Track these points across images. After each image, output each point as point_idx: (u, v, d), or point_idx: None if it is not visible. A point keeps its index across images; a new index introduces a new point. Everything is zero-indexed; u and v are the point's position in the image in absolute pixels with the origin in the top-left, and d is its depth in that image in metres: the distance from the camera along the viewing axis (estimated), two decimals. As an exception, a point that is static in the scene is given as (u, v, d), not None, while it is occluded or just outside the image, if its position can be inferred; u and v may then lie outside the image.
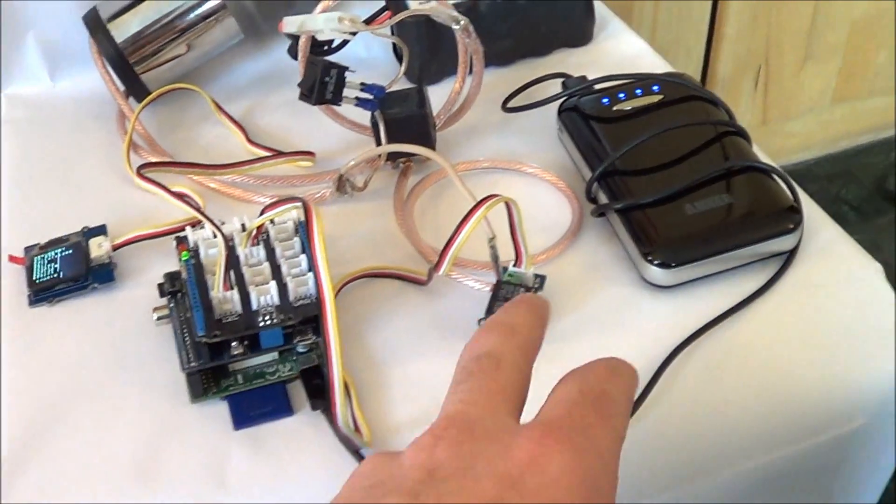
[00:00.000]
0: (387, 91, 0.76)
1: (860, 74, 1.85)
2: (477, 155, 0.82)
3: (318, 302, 0.61)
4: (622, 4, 1.53)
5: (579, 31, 0.93)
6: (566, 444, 0.40)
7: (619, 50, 0.93)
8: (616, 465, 0.42)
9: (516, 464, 0.39)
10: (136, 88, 0.87)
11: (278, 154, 0.80)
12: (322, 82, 0.72)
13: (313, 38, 0.77)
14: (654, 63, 0.91)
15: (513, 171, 0.80)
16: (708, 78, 1.73)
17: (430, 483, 0.39)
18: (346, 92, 0.74)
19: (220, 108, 0.87)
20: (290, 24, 0.75)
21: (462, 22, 0.75)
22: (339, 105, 0.74)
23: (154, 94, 0.85)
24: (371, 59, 0.89)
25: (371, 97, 0.75)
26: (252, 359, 0.64)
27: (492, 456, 0.40)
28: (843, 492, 0.73)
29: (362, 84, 0.74)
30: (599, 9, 0.95)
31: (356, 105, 0.75)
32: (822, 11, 1.70)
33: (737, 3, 1.62)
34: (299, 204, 0.64)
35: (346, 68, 0.73)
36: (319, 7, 0.76)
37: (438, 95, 0.82)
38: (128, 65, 0.85)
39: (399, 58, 0.89)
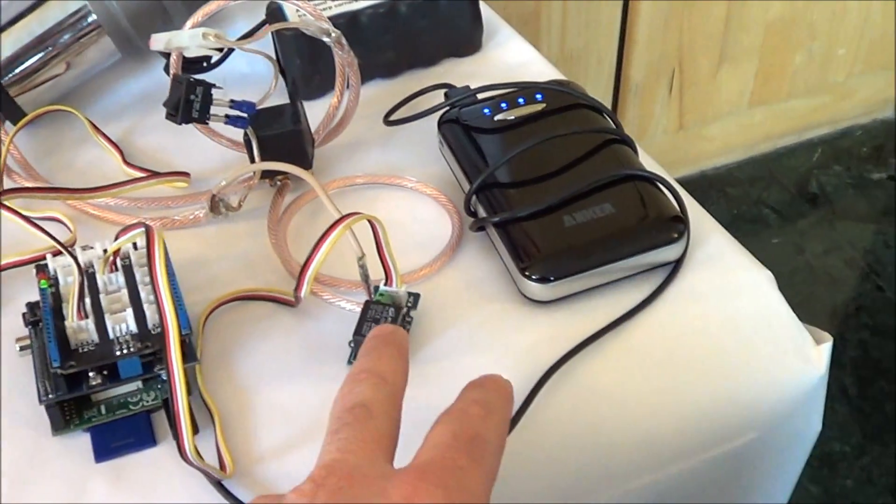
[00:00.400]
0: (258, 108, 0.73)
1: (777, 76, 1.85)
2: (358, 170, 0.80)
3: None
4: (530, 11, 1.52)
5: (466, 41, 0.91)
6: (439, 486, 0.43)
7: (507, 58, 0.91)
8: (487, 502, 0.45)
9: (391, 501, 0.42)
10: (11, 111, 0.84)
11: (152, 175, 0.78)
12: (188, 100, 0.70)
13: (192, 56, 0.74)
14: (543, 71, 0.89)
15: (393, 185, 0.78)
16: (621, 84, 1.72)
17: None
18: (215, 110, 0.72)
19: (97, 129, 0.84)
20: (158, 41, 0.72)
21: (334, 34, 0.73)
22: (207, 123, 0.71)
23: (28, 117, 0.83)
24: (254, 74, 0.86)
25: (242, 114, 0.72)
26: (114, 388, 0.62)
27: (370, 498, 0.43)
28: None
29: (232, 101, 0.72)
30: (489, 17, 0.92)
31: (226, 123, 0.72)
32: (735, 14, 1.69)
33: (647, 8, 1.61)
34: (140, 231, 0.62)
35: (212, 85, 0.71)
36: (189, 23, 0.74)
37: (322, 109, 0.81)
38: (1, 87, 0.82)
39: (282, 72, 0.86)
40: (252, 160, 0.75)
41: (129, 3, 0.83)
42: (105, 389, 0.61)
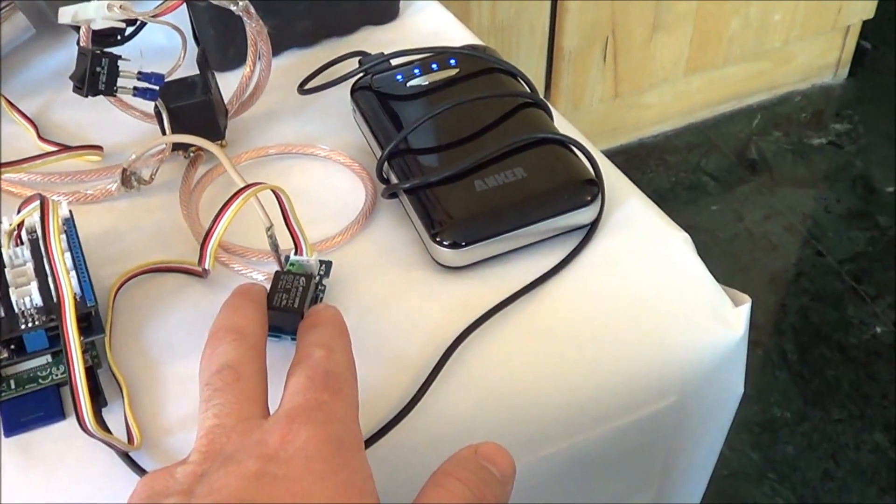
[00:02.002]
0: (167, 79, 0.73)
1: (714, 43, 1.85)
2: (273, 141, 0.79)
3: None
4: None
5: (384, 8, 0.90)
6: (309, 421, 0.48)
7: (426, 26, 0.91)
8: (356, 424, 0.50)
9: (271, 444, 0.46)
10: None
11: (63, 149, 0.77)
12: (93, 73, 0.69)
13: (104, 29, 0.74)
14: (463, 37, 0.89)
15: (307, 155, 0.77)
16: (554, 53, 1.71)
17: (202, 480, 0.46)
18: (123, 82, 0.71)
19: (11, 105, 0.83)
20: (65, 14, 0.72)
21: (241, 3, 0.73)
22: (115, 95, 0.71)
23: None
24: (172, 47, 0.85)
25: (151, 86, 0.72)
26: (22, 363, 0.61)
27: (250, 447, 0.47)
28: (666, 474, 0.72)
29: (139, 73, 0.71)
30: (405, -17, 0.92)
31: (135, 95, 0.72)
32: (669, -21, 1.69)
33: (579, -25, 1.60)
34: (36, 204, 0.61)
35: (118, 57, 0.70)
36: (95, -4, 0.73)
37: (238, 81, 0.80)
38: None
39: (196, 41, 0.85)
40: (163, 133, 0.74)
41: (41, -24, 0.82)
42: (12, 364, 0.60)
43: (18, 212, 0.63)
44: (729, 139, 2.02)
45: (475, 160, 0.68)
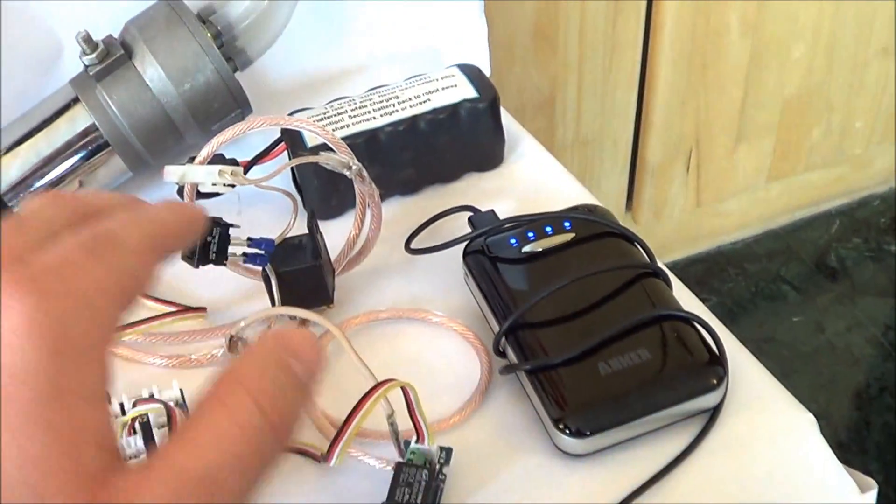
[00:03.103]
0: (276, 244, 0.71)
1: (795, 151, 1.82)
2: (380, 299, 0.77)
3: None
4: (544, 98, 1.50)
5: (488, 155, 0.88)
6: (32, 292, 0.35)
7: (530, 173, 0.88)
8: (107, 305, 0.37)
9: None
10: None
11: (168, 314, 0.75)
12: (204, 243, 0.67)
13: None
14: (569, 187, 0.87)
15: (417, 319, 0.75)
16: (637, 166, 1.69)
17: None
18: (233, 248, 0.69)
19: (108, 253, 0.81)
20: (172, 173, 0.70)
21: (354, 167, 0.71)
22: (225, 265, 0.68)
23: None
24: (269, 194, 0.84)
25: (260, 251, 0.70)
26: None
27: None
28: None
29: (249, 239, 0.69)
30: (510, 126, 0.90)
31: (244, 262, 0.69)
32: (752, 92, 1.67)
33: (664, 90, 1.58)
34: (159, 406, 0.59)
35: (230, 225, 0.68)
36: (204, 151, 0.71)
37: (341, 230, 0.78)
38: (9, 209, 0.80)
39: (298, 187, 0.84)
40: (271, 296, 0.72)
41: (139, 120, 0.80)
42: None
43: (134, 406, 0.61)
44: (808, 246, 1.98)
45: (598, 340, 0.65)
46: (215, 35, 0.82)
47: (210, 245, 0.68)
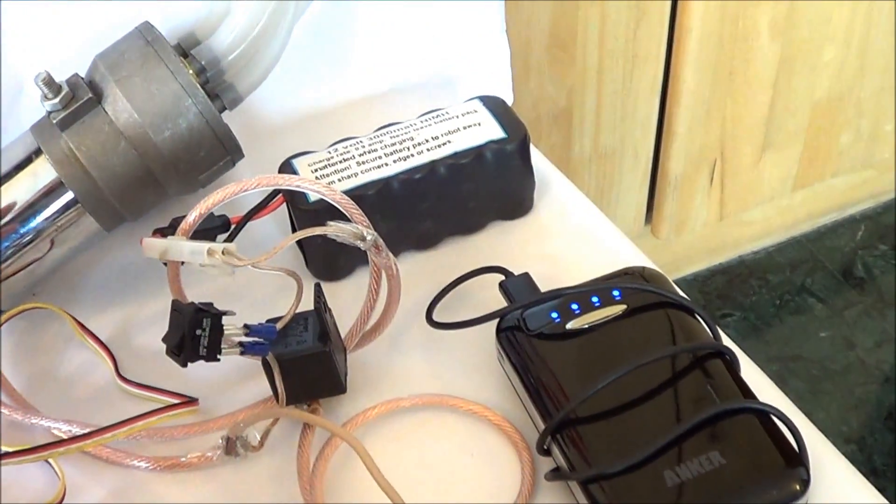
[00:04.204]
0: (278, 330, 0.60)
1: (823, 158, 1.73)
2: (399, 383, 0.67)
3: None
4: (561, 108, 1.40)
5: (516, 202, 0.77)
6: None
7: (564, 221, 0.78)
8: None
9: None
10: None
11: (155, 411, 0.64)
12: (193, 336, 0.57)
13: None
14: (609, 236, 0.76)
15: (445, 407, 0.64)
16: (658, 178, 1.60)
17: None
18: (227, 339, 0.58)
19: (83, 328, 0.72)
20: (151, 248, 0.61)
21: (369, 238, 0.60)
22: (218, 360, 0.58)
23: (2, 319, 0.71)
24: (266, 239, 0.74)
25: (260, 340, 0.59)
26: None
27: None
28: None
29: (247, 327, 0.59)
30: (539, 165, 0.79)
31: (242, 354, 0.59)
32: (780, 98, 1.57)
33: (688, 98, 1.49)
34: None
35: (222, 314, 0.58)
36: (193, 214, 0.62)
37: (351, 294, 0.69)
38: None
39: (298, 243, 0.73)
40: (273, 386, 0.62)
41: (112, 174, 0.69)
42: None
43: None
44: (833, 254, 1.88)
45: (662, 443, 0.55)
46: (198, 71, 0.71)
47: (200, 339, 0.57)
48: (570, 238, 0.76)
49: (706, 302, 1.67)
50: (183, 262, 0.62)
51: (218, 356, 0.58)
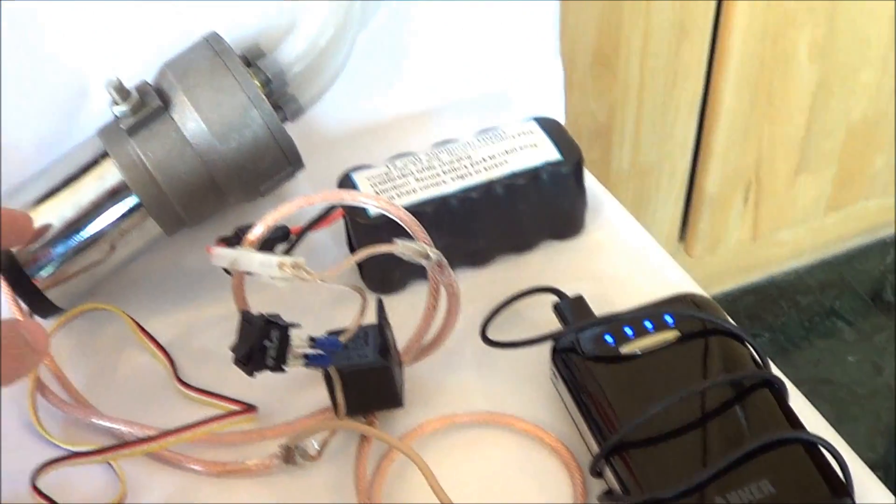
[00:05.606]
0: (342, 343, 0.61)
1: (857, 180, 1.74)
2: (454, 399, 0.68)
3: None
4: (601, 125, 1.41)
5: (569, 223, 0.78)
6: None
7: (615, 243, 0.79)
8: None
9: None
10: (41, 308, 0.72)
11: (214, 419, 0.66)
12: (261, 347, 0.58)
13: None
14: (659, 259, 0.77)
15: (499, 425, 0.65)
16: (693, 197, 1.60)
17: None
18: (293, 351, 0.60)
19: (142, 330, 0.73)
20: (221, 257, 0.62)
21: (433, 256, 0.61)
22: (284, 371, 0.59)
23: (63, 318, 0.73)
24: (325, 246, 0.75)
25: (323, 353, 0.60)
26: None
27: None
28: None
29: (311, 339, 0.60)
30: (592, 188, 0.80)
31: (305, 366, 0.60)
32: (817, 118, 1.58)
33: (727, 118, 1.50)
34: None
35: (289, 326, 0.59)
36: (259, 226, 0.63)
37: (407, 307, 0.69)
38: (29, 282, 0.70)
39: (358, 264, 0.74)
40: (332, 397, 0.63)
41: (177, 180, 0.70)
42: None
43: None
44: (863, 277, 1.89)
45: (715, 470, 0.56)
46: (264, 83, 0.72)
47: (267, 350, 0.58)
48: (619, 259, 0.77)
49: (735, 322, 1.67)
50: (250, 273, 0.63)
51: (284, 367, 0.59)
